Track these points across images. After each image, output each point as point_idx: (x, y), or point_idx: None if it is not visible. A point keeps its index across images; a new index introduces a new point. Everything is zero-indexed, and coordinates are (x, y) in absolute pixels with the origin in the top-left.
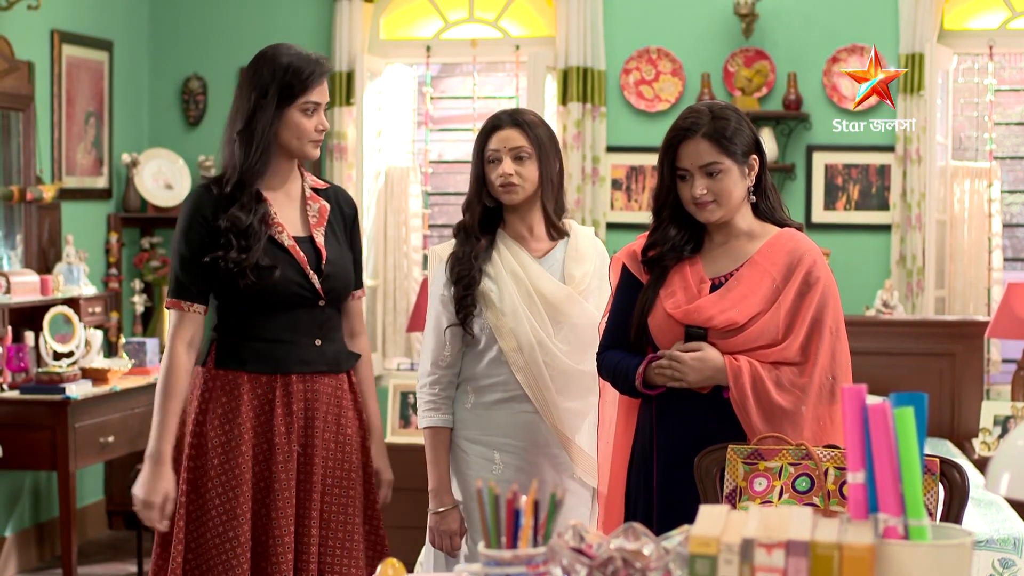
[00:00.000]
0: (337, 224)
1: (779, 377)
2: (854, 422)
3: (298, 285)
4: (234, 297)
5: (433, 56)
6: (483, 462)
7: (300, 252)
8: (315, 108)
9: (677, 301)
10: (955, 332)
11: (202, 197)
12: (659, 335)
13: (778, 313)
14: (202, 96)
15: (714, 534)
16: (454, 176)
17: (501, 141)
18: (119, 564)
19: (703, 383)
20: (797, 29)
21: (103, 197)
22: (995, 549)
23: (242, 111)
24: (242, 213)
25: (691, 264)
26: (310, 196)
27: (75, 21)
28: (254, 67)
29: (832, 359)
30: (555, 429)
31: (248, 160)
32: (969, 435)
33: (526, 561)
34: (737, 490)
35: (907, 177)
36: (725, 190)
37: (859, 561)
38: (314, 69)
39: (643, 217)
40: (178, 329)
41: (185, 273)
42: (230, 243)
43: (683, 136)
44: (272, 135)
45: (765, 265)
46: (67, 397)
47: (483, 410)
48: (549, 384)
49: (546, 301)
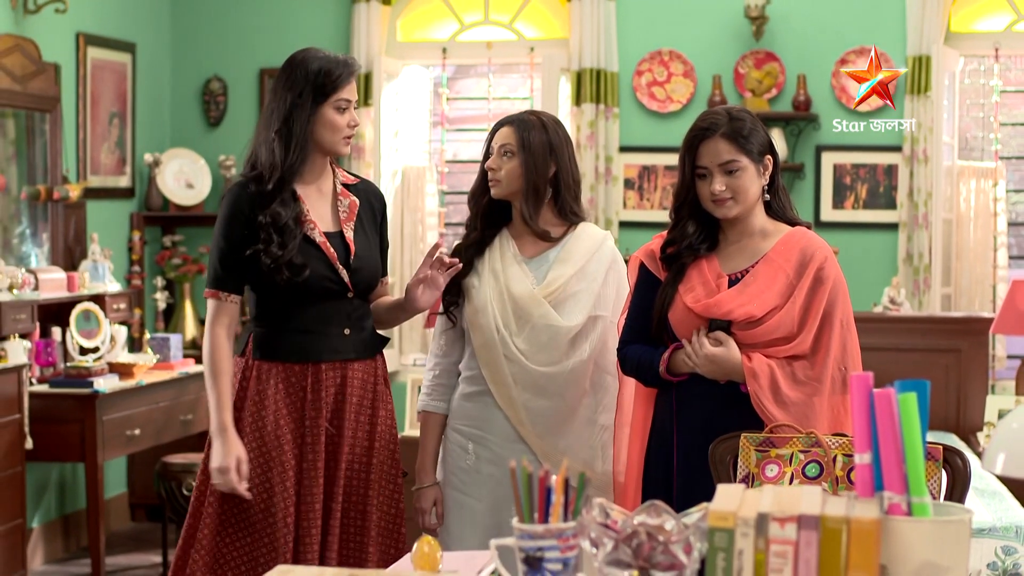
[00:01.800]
0: (366, 218)
1: (793, 372)
2: (861, 407)
3: (328, 279)
4: (269, 290)
5: (449, 58)
6: (459, 451)
7: (330, 248)
8: (347, 105)
9: (697, 296)
10: (961, 328)
11: (240, 194)
12: (680, 328)
13: (793, 307)
14: (222, 97)
15: (731, 509)
16: (469, 176)
17: (497, 137)
18: (143, 555)
19: (717, 377)
20: (806, 32)
21: (126, 196)
22: (998, 537)
23: (279, 112)
24: (282, 209)
25: (708, 261)
26: (341, 192)
27: (99, 24)
28: (286, 71)
29: (843, 351)
30: (519, 427)
31: (288, 157)
32: (974, 429)
33: (557, 535)
34: (750, 476)
35: (914, 177)
36: (742, 187)
37: (865, 534)
38: (344, 69)
39: (655, 216)
40: (217, 316)
41: (223, 265)
42: (270, 238)
43: (703, 136)
44: (308, 132)
45: (779, 262)
46: (95, 391)
47: (463, 401)
48: (509, 381)
49: (514, 301)
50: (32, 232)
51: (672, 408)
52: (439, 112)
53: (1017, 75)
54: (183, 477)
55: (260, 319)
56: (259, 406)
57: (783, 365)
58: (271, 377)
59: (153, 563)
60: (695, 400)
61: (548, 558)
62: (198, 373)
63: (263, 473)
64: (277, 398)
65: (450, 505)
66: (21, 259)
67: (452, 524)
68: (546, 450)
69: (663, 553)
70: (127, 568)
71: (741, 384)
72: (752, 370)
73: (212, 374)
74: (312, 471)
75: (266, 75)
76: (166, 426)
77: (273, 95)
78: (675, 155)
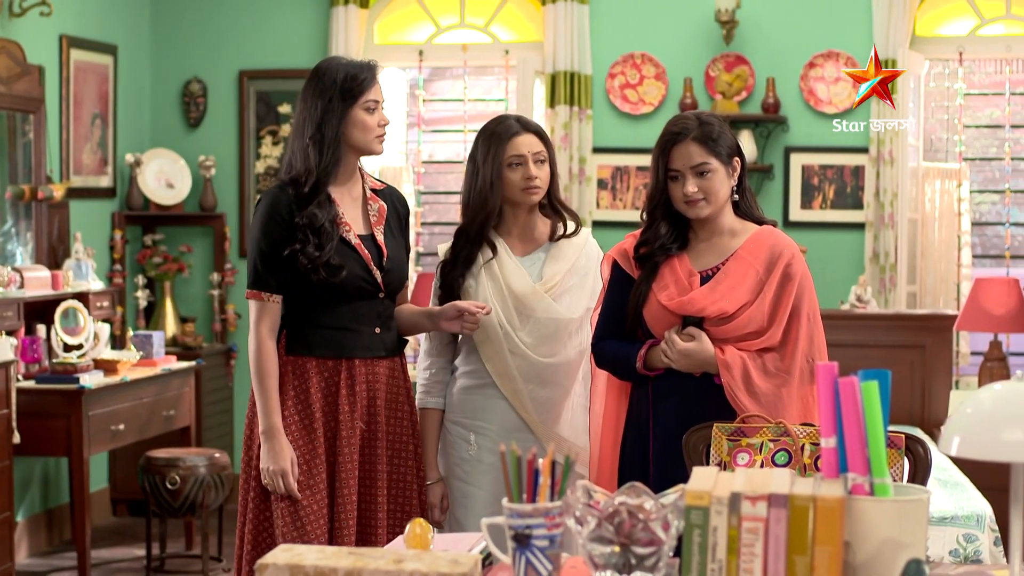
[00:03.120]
0: (393, 222)
1: (764, 364)
2: (826, 394)
3: (363, 280)
4: (304, 289)
5: (425, 60)
6: (461, 443)
7: (365, 250)
8: (375, 105)
9: (670, 294)
10: (925, 325)
11: (278, 197)
12: (655, 325)
13: (763, 303)
14: (202, 98)
15: (707, 489)
16: (444, 176)
17: (526, 146)
18: (126, 549)
19: (692, 370)
20: (775, 36)
21: (107, 196)
22: (959, 525)
23: (311, 119)
24: (318, 211)
25: (679, 259)
26: (370, 196)
27: (82, 26)
28: (314, 80)
29: (811, 343)
30: (524, 415)
31: (323, 160)
32: (938, 423)
33: (544, 513)
34: (722, 464)
35: (880, 177)
36: (713, 188)
37: (830, 511)
38: (368, 71)
39: (628, 215)
40: (260, 317)
41: (265, 266)
42: (307, 239)
43: (675, 140)
44: (341, 135)
45: (749, 259)
46: (81, 387)
47: (463, 395)
48: (515, 373)
49: (515, 296)
50: (16, 231)
51: (649, 400)
52: (415, 113)
53: (981, 78)
54: (166, 471)
55: (293, 317)
56: (296, 400)
57: (755, 358)
58: (305, 372)
59: (136, 556)
60: (671, 393)
61: (535, 535)
62: (180, 369)
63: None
64: (313, 392)
65: (455, 495)
66: (6, 258)
67: (458, 513)
68: (548, 436)
69: (643, 530)
70: (111, 561)
71: (715, 376)
72: (725, 362)
73: (259, 376)
74: (349, 464)
75: (245, 77)
76: (149, 421)
77: (303, 104)
78: (647, 156)
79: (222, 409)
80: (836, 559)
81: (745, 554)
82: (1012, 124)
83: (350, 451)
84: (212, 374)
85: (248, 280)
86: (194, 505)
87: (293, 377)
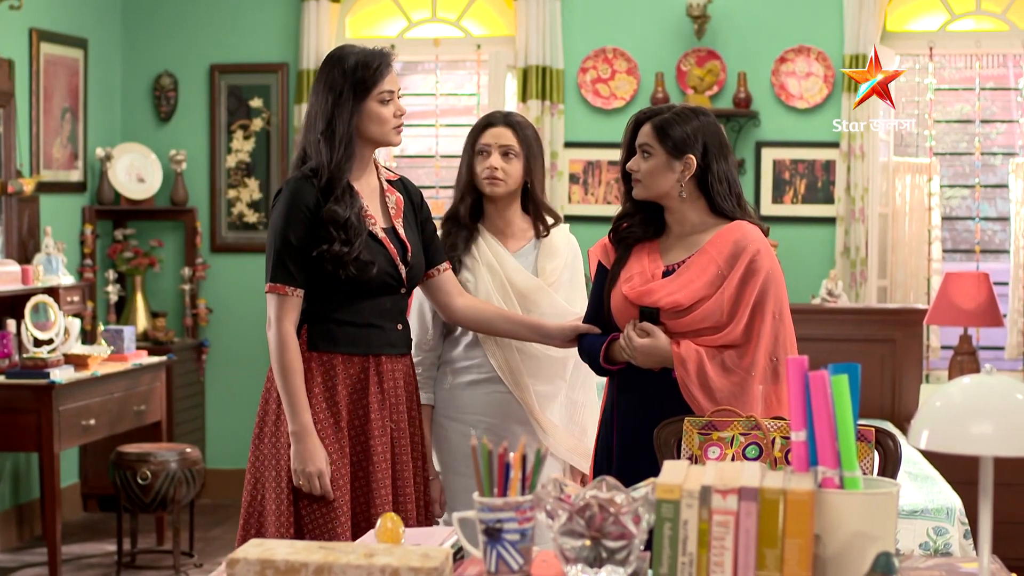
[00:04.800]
0: (409, 214)
1: (723, 360)
2: (796, 388)
3: (389, 275)
4: (328, 284)
5: (397, 54)
6: (460, 438)
7: (391, 245)
8: (390, 97)
9: (633, 284)
10: (896, 320)
11: (302, 188)
12: (618, 316)
13: (722, 298)
14: (173, 92)
15: (677, 482)
16: (417, 170)
17: (493, 137)
18: (97, 544)
19: (651, 366)
20: (747, 30)
21: (78, 190)
22: (929, 518)
23: (322, 112)
24: (339, 207)
25: (650, 252)
26: (387, 188)
27: (52, 20)
28: (325, 71)
29: (775, 341)
30: (527, 407)
31: (334, 156)
32: (909, 417)
33: (515, 507)
34: (693, 458)
35: (851, 172)
36: (647, 172)
37: (800, 504)
38: (381, 60)
39: (600, 210)
40: (283, 312)
41: (290, 260)
42: (332, 235)
43: (643, 119)
44: (354, 129)
45: (712, 253)
46: (52, 381)
47: (460, 390)
48: (521, 367)
49: (518, 292)
50: None
51: (614, 393)
52: None
53: (951, 73)
54: (138, 466)
55: (313, 312)
56: (322, 398)
57: (713, 354)
58: (332, 369)
59: (107, 551)
60: (632, 387)
61: (507, 529)
62: (151, 364)
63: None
64: (340, 390)
65: (456, 489)
66: None
67: (459, 508)
68: (548, 428)
69: (614, 524)
70: (81, 557)
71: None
72: (680, 357)
73: (285, 373)
74: (383, 464)
75: (216, 71)
76: (120, 416)
77: (315, 96)
78: (619, 151)
79: (194, 404)
80: (806, 552)
81: (716, 547)
82: (982, 119)
83: (383, 449)
84: (183, 369)
85: (269, 273)
86: (165, 500)
87: (318, 373)
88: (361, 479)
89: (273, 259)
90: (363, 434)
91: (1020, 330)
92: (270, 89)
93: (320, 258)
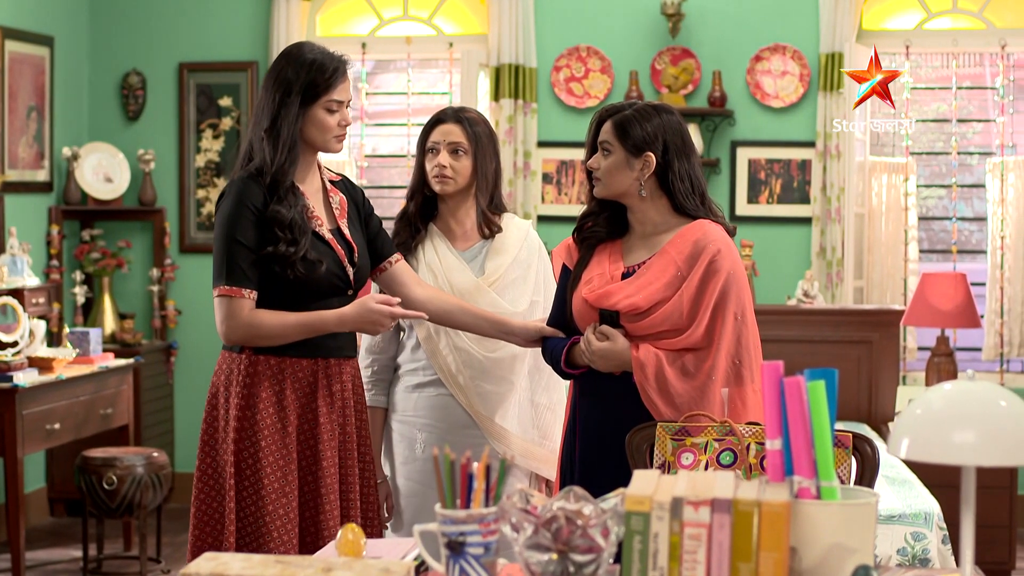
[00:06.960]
0: (353, 214)
1: (684, 364)
2: (771, 394)
3: (337, 277)
4: (275, 286)
5: (368, 53)
6: (406, 441)
7: (338, 246)
8: (338, 107)
9: (593, 287)
10: (872, 321)
11: (247, 187)
12: (579, 319)
13: (681, 300)
14: (141, 91)
15: (647, 494)
16: (388, 170)
17: (442, 134)
18: (62, 549)
19: (611, 370)
20: (722, 29)
21: (44, 190)
22: (907, 523)
23: (268, 110)
24: (282, 207)
25: (612, 253)
26: (330, 189)
27: (17, 17)
28: (278, 66)
29: (738, 343)
30: (470, 410)
31: (277, 157)
32: (885, 419)
33: (479, 520)
34: (666, 464)
35: (827, 172)
36: (606, 169)
37: (776, 516)
38: (336, 67)
39: (573, 210)
40: (237, 313)
41: (242, 261)
42: (276, 236)
43: (606, 116)
44: (297, 132)
45: (672, 254)
46: (15, 385)
47: (407, 393)
48: (459, 369)
49: (458, 292)
50: None
51: (576, 398)
52: (358, 107)
53: (927, 72)
54: (103, 471)
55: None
56: (270, 403)
57: (674, 358)
58: (280, 373)
59: (73, 557)
60: (591, 392)
61: (470, 542)
62: (118, 367)
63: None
64: (288, 394)
65: (405, 494)
66: None
67: (407, 513)
68: (496, 432)
69: (582, 536)
70: (47, 563)
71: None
72: (639, 361)
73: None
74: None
75: (185, 69)
76: (86, 420)
77: (264, 90)
78: None
79: (162, 407)
80: (782, 565)
81: (687, 561)
82: (959, 118)
83: (331, 454)
84: (151, 371)
85: (220, 276)
86: (132, 505)
87: (265, 378)
88: (310, 483)
89: (225, 261)
90: (312, 438)
91: (997, 331)
92: (239, 88)
93: (268, 259)
